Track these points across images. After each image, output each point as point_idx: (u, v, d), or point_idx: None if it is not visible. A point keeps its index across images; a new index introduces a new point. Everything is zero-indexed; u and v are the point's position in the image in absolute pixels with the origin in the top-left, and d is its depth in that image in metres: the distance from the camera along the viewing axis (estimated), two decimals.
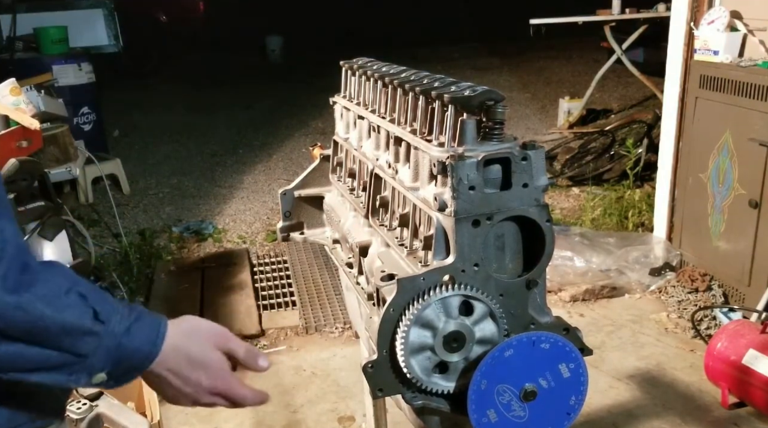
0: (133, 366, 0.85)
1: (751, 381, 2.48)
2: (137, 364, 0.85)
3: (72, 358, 0.79)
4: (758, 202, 3.01)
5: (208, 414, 2.74)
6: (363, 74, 1.56)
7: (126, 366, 0.84)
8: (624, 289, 3.52)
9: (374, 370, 1.13)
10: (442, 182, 1.11)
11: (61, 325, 0.77)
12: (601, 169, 5.06)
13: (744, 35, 3.17)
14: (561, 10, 5.92)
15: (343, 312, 3.35)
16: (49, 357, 0.78)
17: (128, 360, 0.84)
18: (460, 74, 1.59)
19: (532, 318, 1.15)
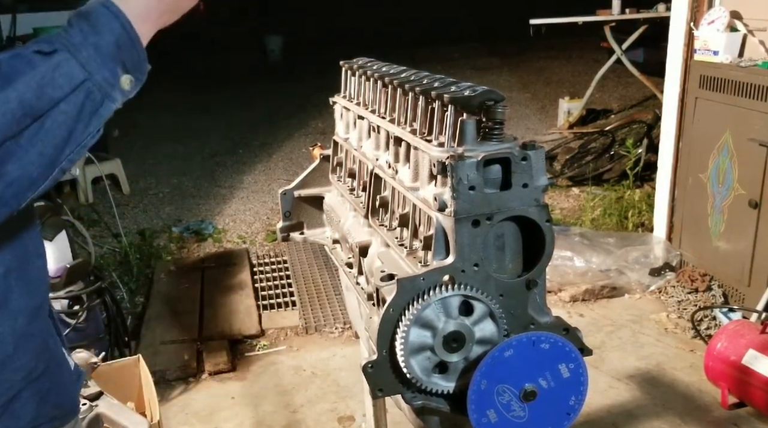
0: (128, 41, 0.79)
1: (751, 382, 2.48)
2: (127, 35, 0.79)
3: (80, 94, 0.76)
4: (758, 202, 3.01)
5: (208, 414, 2.74)
6: (363, 74, 1.56)
7: (124, 48, 0.79)
8: (624, 289, 3.52)
9: (374, 370, 1.13)
10: (442, 182, 1.11)
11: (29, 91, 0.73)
12: (601, 169, 5.06)
13: (744, 35, 3.17)
14: (561, 10, 5.92)
15: (343, 312, 3.35)
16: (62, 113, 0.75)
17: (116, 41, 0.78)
18: (460, 74, 1.59)
19: (532, 319, 1.15)
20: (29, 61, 0.75)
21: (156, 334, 3.25)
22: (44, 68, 0.74)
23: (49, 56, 0.75)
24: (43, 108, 0.74)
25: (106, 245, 4.26)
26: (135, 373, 2.32)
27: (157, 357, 3.02)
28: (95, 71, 0.77)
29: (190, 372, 2.99)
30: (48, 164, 0.76)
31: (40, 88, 0.73)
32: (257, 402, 2.81)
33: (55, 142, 0.75)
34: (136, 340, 3.17)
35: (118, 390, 2.03)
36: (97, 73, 0.77)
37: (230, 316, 3.40)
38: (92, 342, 2.58)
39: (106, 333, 2.76)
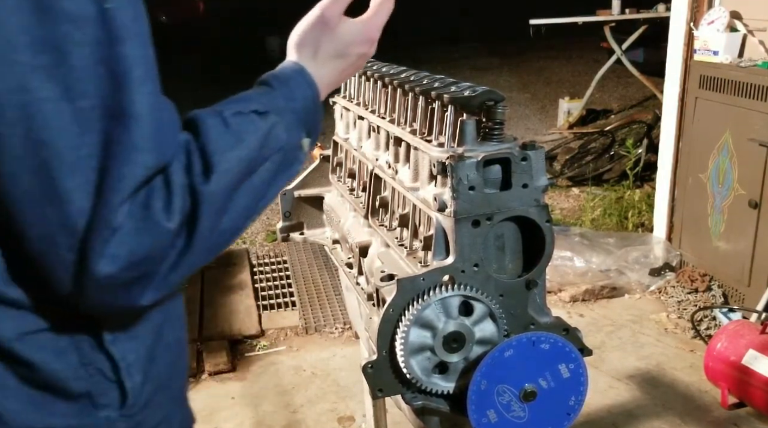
0: (313, 115, 0.88)
1: (751, 382, 2.48)
2: (316, 108, 0.88)
3: (279, 154, 0.81)
4: (758, 203, 3.01)
5: (208, 414, 2.74)
6: (363, 74, 1.56)
7: (309, 119, 0.87)
8: (624, 289, 3.52)
9: (374, 370, 1.13)
10: (442, 182, 1.11)
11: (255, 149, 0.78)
12: (601, 169, 5.06)
13: (744, 35, 3.17)
14: (561, 10, 5.92)
15: (343, 313, 3.35)
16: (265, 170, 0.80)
17: (306, 111, 0.86)
18: (460, 74, 1.59)
19: (532, 319, 1.15)
20: (251, 120, 0.80)
21: None
22: (264, 129, 0.80)
23: (264, 117, 0.81)
24: (257, 166, 0.79)
25: None
26: None
27: None
28: (292, 135, 0.83)
29: (190, 373, 2.99)
30: (247, 216, 0.80)
31: (260, 148, 0.79)
32: (257, 402, 2.81)
33: (257, 196, 0.80)
34: None
35: None
36: (292, 137, 0.84)
37: (230, 316, 3.40)
38: None
39: None
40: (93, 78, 0.66)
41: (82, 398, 0.79)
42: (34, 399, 0.77)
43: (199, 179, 0.72)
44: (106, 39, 0.66)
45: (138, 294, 0.71)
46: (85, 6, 0.65)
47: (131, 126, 0.68)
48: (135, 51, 0.69)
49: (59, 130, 0.64)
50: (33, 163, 0.65)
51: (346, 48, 0.94)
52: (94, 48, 0.65)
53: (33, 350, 0.76)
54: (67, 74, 0.64)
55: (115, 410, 0.81)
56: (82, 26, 0.65)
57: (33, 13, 0.63)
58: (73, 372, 0.78)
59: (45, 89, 0.64)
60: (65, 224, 0.66)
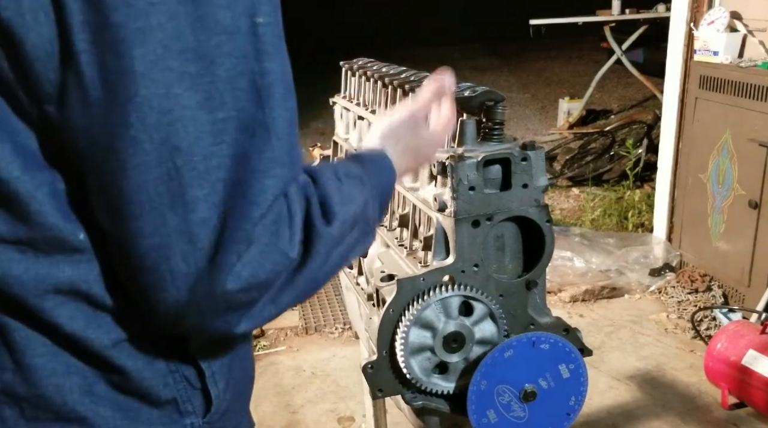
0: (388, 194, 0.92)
1: (751, 382, 2.48)
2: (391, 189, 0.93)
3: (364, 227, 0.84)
4: (758, 203, 3.01)
5: None
6: (363, 74, 1.56)
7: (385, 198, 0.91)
8: (624, 290, 3.52)
9: (374, 371, 1.13)
10: (442, 182, 1.11)
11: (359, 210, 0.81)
12: (601, 169, 5.06)
13: (744, 36, 3.17)
14: (561, 10, 5.92)
15: (343, 313, 3.35)
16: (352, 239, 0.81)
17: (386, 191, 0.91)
18: (460, 74, 1.60)
19: (532, 319, 1.15)
20: (358, 184, 0.83)
21: None
22: (365, 195, 0.83)
23: (365, 186, 0.84)
24: (352, 227, 0.80)
25: None
26: None
27: None
28: (376, 210, 0.88)
29: None
30: (332, 273, 0.81)
31: (362, 212, 0.82)
32: (257, 402, 2.81)
33: (345, 256, 0.81)
34: None
35: None
36: (376, 212, 0.88)
37: None
38: None
39: None
40: (234, 90, 0.66)
41: (169, 405, 0.80)
42: (123, 406, 0.77)
43: (319, 221, 0.73)
44: (253, 53, 0.66)
45: (236, 321, 0.71)
46: (239, 19, 0.65)
47: (272, 140, 0.68)
48: (278, 67, 0.69)
49: (194, 139, 0.64)
50: (163, 170, 0.64)
51: (422, 148, 1.02)
52: (240, 61, 0.66)
53: (127, 357, 0.76)
54: (210, 84, 0.64)
55: (198, 417, 0.82)
56: (233, 38, 0.65)
57: (189, 21, 0.63)
58: (162, 380, 0.78)
59: (187, 97, 0.64)
60: (184, 232, 0.65)
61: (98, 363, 0.75)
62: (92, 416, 0.75)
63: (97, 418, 0.76)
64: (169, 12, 0.62)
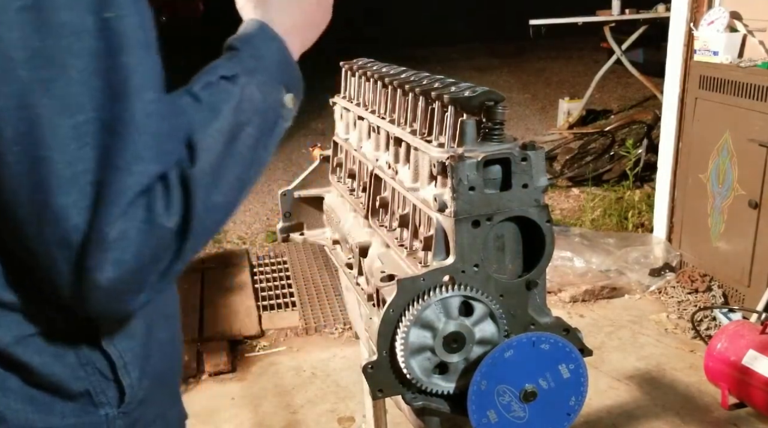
0: (288, 69, 0.86)
1: (751, 382, 2.48)
2: (288, 63, 0.86)
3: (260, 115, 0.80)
4: (758, 203, 3.01)
5: (208, 414, 2.74)
6: (363, 75, 1.56)
7: (286, 74, 0.85)
8: (624, 290, 3.52)
9: (374, 371, 1.13)
10: (442, 183, 1.11)
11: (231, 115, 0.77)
12: (601, 169, 5.06)
13: (744, 36, 3.17)
14: (561, 10, 5.92)
15: (343, 313, 3.35)
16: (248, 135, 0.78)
17: (281, 68, 0.84)
18: (460, 75, 1.59)
19: (532, 319, 1.15)
20: (223, 89, 0.78)
21: None
22: (236, 94, 0.78)
23: (233, 82, 0.78)
24: (237, 133, 0.77)
25: None
26: None
27: None
28: (268, 94, 0.81)
29: (190, 373, 2.99)
30: (241, 187, 0.79)
31: (236, 115, 0.77)
32: (257, 402, 2.81)
33: (245, 164, 0.78)
34: None
35: None
36: (270, 96, 0.81)
37: (230, 317, 3.40)
38: None
39: None
40: (89, 90, 0.65)
41: (82, 397, 0.81)
42: (36, 400, 0.78)
43: (186, 164, 0.71)
44: (105, 49, 0.65)
45: (133, 298, 0.71)
46: (85, 17, 0.64)
47: (130, 135, 0.67)
48: (135, 59, 0.68)
49: (56, 147, 0.64)
50: (31, 181, 0.64)
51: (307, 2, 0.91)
52: (91, 59, 0.65)
53: (32, 353, 0.77)
54: (65, 88, 0.64)
55: (113, 407, 0.83)
56: (80, 38, 0.64)
57: (32, 27, 0.62)
58: (72, 373, 0.79)
59: (43, 105, 0.63)
60: (61, 241, 0.66)
61: (4, 360, 0.76)
62: (3, 409, 0.77)
63: (9, 411, 0.77)
64: (9, 22, 0.62)
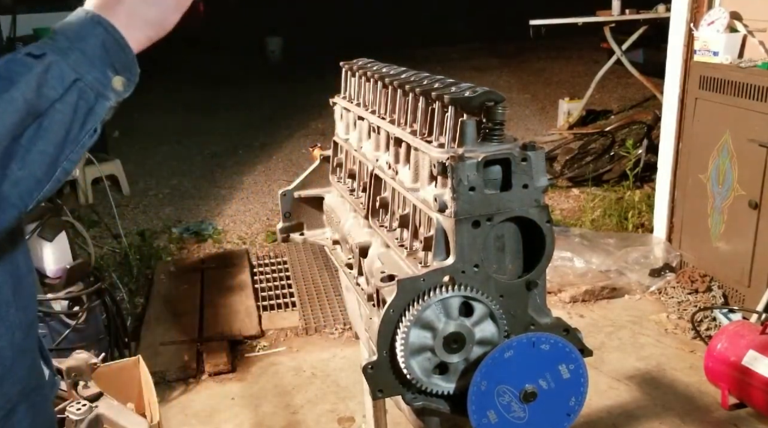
0: (116, 44, 0.82)
1: (751, 382, 2.48)
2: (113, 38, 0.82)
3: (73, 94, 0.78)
4: (758, 203, 3.01)
5: (208, 414, 2.74)
6: (363, 75, 1.56)
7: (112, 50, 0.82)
8: (624, 290, 3.52)
9: (374, 371, 1.13)
10: (442, 183, 1.11)
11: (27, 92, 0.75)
12: (601, 169, 5.06)
13: (744, 36, 3.17)
14: (561, 10, 5.92)
15: (343, 313, 3.35)
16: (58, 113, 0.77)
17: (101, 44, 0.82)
18: (460, 75, 1.59)
19: (532, 319, 1.15)
20: (24, 63, 0.77)
21: (156, 335, 3.25)
22: (39, 69, 0.77)
23: (40, 58, 0.78)
24: (42, 107, 0.76)
25: (106, 246, 4.26)
26: (135, 374, 2.32)
27: (157, 358, 3.02)
28: (85, 72, 0.80)
29: (190, 373, 2.99)
30: (50, 163, 0.78)
31: (38, 88, 0.76)
32: (257, 403, 2.81)
33: (55, 140, 0.78)
34: (135, 341, 3.17)
35: (117, 391, 2.03)
36: (87, 74, 0.80)
37: (230, 317, 3.40)
38: (92, 343, 2.58)
39: (106, 334, 2.76)
40: None
41: None
42: None
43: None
44: None
45: None
46: None
47: None
48: None
49: None
50: None
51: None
52: None
53: None
54: None
55: None
56: None
57: None
58: None
59: None
60: None
61: None
62: None
63: None
64: None
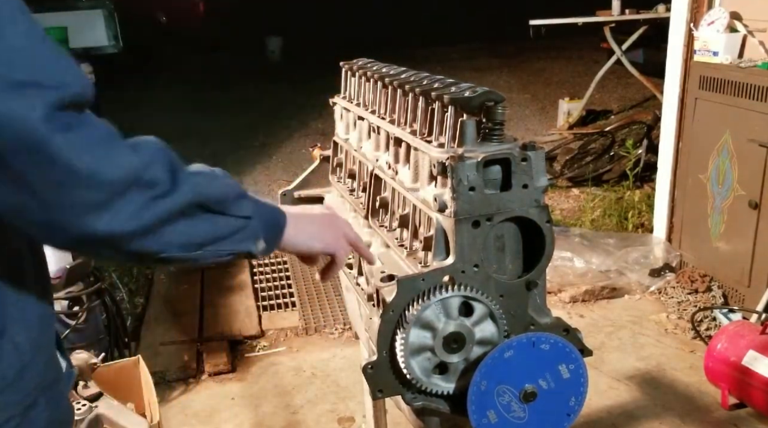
0: (277, 224, 1.00)
1: (751, 382, 2.48)
2: (279, 220, 1.00)
3: (241, 222, 0.92)
4: (758, 203, 3.01)
5: (207, 414, 2.74)
6: (363, 75, 1.56)
7: (272, 225, 0.99)
8: (624, 290, 3.52)
9: (374, 371, 1.13)
10: (442, 183, 1.11)
11: (226, 194, 0.91)
12: (601, 169, 5.06)
13: (743, 36, 3.17)
14: (561, 10, 5.92)
15: (343, 313, 3.35)
16: (227, 223, 0.90)
17: (272, 218, 0.99)
18: (460, 75, 1.59)
19: (532, 319, 1.15)
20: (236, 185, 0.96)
21: (156, 335, 3.25)
22: (242, 190, 0.94)
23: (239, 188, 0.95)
24: (226, 210, 0.90)
25: None
26: (135, 374, 2.32)
27: (157, 358, 3.02)
28: (257, 220, 0.94)
29: (190, 373, 2.99)
30: (195, 245, 0.88)
31: (235, 197, 0.92)
32: (257, 403, 2.81)
33: (210, 234, 0.89)
34: (135, 341, 3.17)
35: (117, 391, 2.03)
36: (257, 222, 0.94)
37: (230, 317, 3.40)
38: (92, 343, 2.58)
39: (106, 334, 2.76)
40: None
41: None
42: None
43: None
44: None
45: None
46: None
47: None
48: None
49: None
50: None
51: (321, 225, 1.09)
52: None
53: None
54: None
55: None
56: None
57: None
58: None
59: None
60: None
61: None
62: None
63: None
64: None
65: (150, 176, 0.80)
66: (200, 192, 0.86)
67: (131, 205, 0.78)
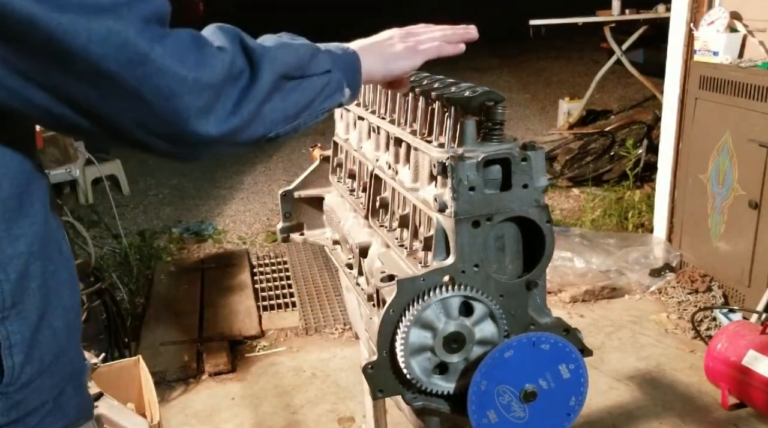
0: (353, 67, 1.01)
1: (751, 382, 2.48)
2: (354, 63, 1.01)
3: (324, 78, 0.95)
4: (758, 203, 3.01)
5: (208, 414, 2.74)
6: None
7: (350, 68, 1.00)
8: (624, 290, 3.52)
9: (374, 371, 1.13)
10: (442, 183, 1.11)
11: (301, 58, 0.93)
12: (601, 169, 5.06)
13: (744, 36, 3.17)
14: (561, 10, 5.92)
15: (343, 313, 3.35)
16: (312, 84, 0.93)
17: (348, 62, 1.00)
18: (460, 75, 1.60)
19: (532, 319, 1.15)
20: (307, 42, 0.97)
21: (156, 335, 3.25)
22: (313, 47, 0.96)
23: (311, 46, 0.97)
24: (306, 71, 0.92)
25: (106, 246, 4.26)
26: (135, 374, 2.32)
27: (157, 358, 3.02)
28: (336, 71, 0.97)
29: (190, 373, 2.99)
30: (296, 112, 0.92)
31: (310, 56, 0.94)
32: (257, 403, 2.81)
33: (304, 99, 0.92)
34: (136, 341, 3.17)
35: (117, 391, 2.03)
36: (336, 72, 0.97)
37: (230, 317, 3.40)
38: (92, 343, 2.58)
39: (106, 334, 2.76)
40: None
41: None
42: None
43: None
44: None
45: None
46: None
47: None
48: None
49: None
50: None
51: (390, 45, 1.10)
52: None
53: None
54: None
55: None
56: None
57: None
58: None
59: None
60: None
61: None
62: None
63: None
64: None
65: (237, 69, 0.83)
66: (279, 65, 0.89)
67: (230, 100, 0.82)
